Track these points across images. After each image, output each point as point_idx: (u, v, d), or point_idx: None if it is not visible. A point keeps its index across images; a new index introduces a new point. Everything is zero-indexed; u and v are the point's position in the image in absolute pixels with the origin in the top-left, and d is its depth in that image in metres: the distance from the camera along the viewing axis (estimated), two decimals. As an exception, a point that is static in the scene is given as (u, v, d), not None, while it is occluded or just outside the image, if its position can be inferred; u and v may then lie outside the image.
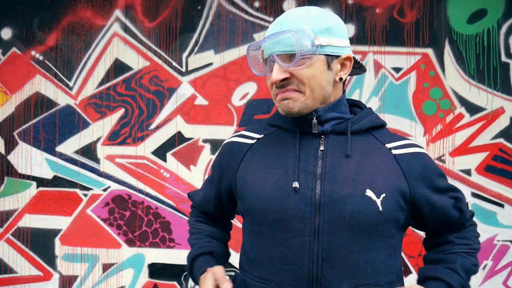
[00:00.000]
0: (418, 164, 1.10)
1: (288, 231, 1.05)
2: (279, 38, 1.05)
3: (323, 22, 1.07)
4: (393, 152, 1.11)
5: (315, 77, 1.07)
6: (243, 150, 1.19)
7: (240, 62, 2.52)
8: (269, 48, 1.07)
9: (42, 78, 2.63)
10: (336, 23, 1.10)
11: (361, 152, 1.10)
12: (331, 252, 1.03)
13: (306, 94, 1.08)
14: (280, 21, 1.08)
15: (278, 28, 1.08)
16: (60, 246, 2.64)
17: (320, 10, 1.10)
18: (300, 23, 1.06)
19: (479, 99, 2.42)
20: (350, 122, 1.13)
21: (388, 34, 2.45)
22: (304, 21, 1.06)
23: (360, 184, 1.05)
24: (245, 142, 1.21)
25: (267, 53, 1.08)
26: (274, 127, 1.21)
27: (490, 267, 2.45)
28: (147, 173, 2.58)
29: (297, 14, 1.07)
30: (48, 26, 2.62)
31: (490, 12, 2.40)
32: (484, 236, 2.44)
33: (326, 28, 1.07)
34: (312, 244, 1.04)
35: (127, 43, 2.58)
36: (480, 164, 2.43)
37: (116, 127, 2.59)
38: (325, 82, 1.09)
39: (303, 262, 1.04)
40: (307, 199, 1.05)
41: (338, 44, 1.08)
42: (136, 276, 2.60)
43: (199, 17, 2.53)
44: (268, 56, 1.08)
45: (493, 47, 2.40)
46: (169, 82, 2.56)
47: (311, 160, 1.09)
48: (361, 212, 1.03)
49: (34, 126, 2.64)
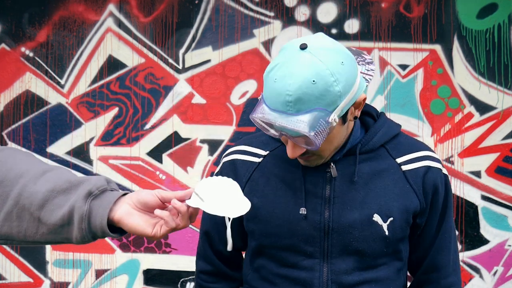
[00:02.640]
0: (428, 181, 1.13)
1: (299, 254, 1.12)
2: (290, 129, 0.98)
3: (334, 91, 0.97)
4: (403, 169, 1.13)
5: (332, 141, 1.06)
6: (249, 169, 1.19)
7: (239, 59, 2.51)
8: (281, 128, 1.00)
9: (32, 76, 2.61)
10: (347, 76, 0.99)
11: (369, 173, 1.12)
12: (340, 273, 1.10)
13: (326, 156, 1.10)
14: (285, 100, 0.96)
15: (284, 107, 0.97)
16: (51, 251, 2.62)
17: (328, 71, 0.96)
18: (309, 103, 0.96)
19: (489, 98, 2.40)
20: (359, 145, 1.13)
21: (394, 30, 2.43)
22: (314, 101, 0.96)
23: (368, 208, 1.10)
24: (251, 160, 1.20)
25: (279, 128, 1.01)
26: (278, 141, 1.19)
27: (501, 273, 2.42)
28: (142, 175, 2.57)
29: (304, 93, 0.95)
30: (39, 21, 2.59)
31: (501, 7, 2.37)
32: (494, 241, 2.41)
33: (339, 96, 0.98)
34: (322, 266, 1.11)
35: (121, 39, 2.56)
36: (490, 165, 2.41)
37: (109, 127, 2.58)
38: (341, 136, 1.09)
39: (313, 284, 1.11)
40: (316, 224, 1.10)
41: (352, 96, 1.01)
42: (131, 283, 2.59)
43: (197, 12, 2.51)
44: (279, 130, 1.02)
45: (504, 43, 2.37)
46: (165, 80, 2.55)
47: (319, 183, 1.12)
48: (367, 237, 1.10)
49: (24, 126, 2.62)
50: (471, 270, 2.41)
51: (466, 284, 2.42)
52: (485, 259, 2.40)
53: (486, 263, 2.41)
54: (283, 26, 2.46)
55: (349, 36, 2.43)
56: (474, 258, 2.41)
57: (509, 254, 2.40)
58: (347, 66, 0.99)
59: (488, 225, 2.40)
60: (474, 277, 2.41)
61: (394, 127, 1.19)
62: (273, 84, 0.98)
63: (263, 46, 2.48)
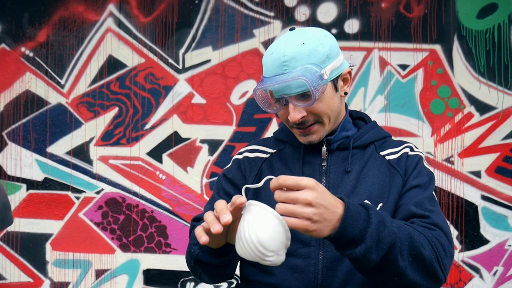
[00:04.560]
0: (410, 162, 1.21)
1: (296, 242, 1.15)
2: (289, 83, 1.11)
3: (322, 51, 1.13)
4: (387, 158, 1.22)
5: (329, 105, 1.17)
6: (257, 163, 1.28)
7: (239, 59, 2.50)
8: (279, 91, 1.13)
9: (32, 76, 2.61)
10: (330, 44, 1.16)
11: (360, 165, 1.21)
12: (334, 261, 1.14)
13: (325, 123, 1.19)
14: (281, 62, 1.12)
15: (281, 69, 1.13)
16: (51, 251, 2.62)
17: (314, 37, 1.14)
18: (302, 61, 1.12)
19: (489, 98, 2.39)
20: (352, 139, 1.24)
21: (394, 30, 2.42)
22: (306, 58, 1.12)
23: (359, 196, 1.16)
24: (260, 156, 1.30)
25: (278, 94, 1.14)
26: (282, 143, 1.31)
27: (501, 273, 2.41)
28: (142, 175, 2.57)
29: (296, 51, 1.12)
30: (39, 21, 2.59)
31: (501, 7, 2.36)
32: (494, 241, 2.40)
33: (326, 56, 1.14)
34: (318, 253, 1.15)
35: (121, 39, 2.56)
36: (490, 165, 2.40)
37: (109, 127, 2.58)
38: (336, 104, 1.20)
39: (309, 270, 1.14)
40: None
41: (338, 64, 1.17)
42: (131, 283, 2.58)
43: (197, 12, 2.51)
44: (280, 97, 1.14)
45: (504, 43, 2.37)
46: (165, 80, 2.54)
47: (316, 175, 1.20)
48: None
49: (24, 126, 2.62)
50: (471, 270, 2.41)
51: (466, 284, 2.42)
52: (485, 259, 2.40)
53: (486, 263, 2.40)
54: (283, 26, 2.46)
55: (349, 36, 2.43)
56: (474, 258, 2.41)
57: (509, 254, 2.40)
58: (330, 38, 1.17)
59: (488, 225, 2.39)
60: (474, 277, 2.41)
61: (384, 132, 1.29)
62: (269, 56, 1.15)
63: (263, 46, 2.48)
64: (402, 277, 0.99)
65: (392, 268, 0.97)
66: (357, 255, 0.93)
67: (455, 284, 2.42)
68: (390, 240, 0.95)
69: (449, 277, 2.41)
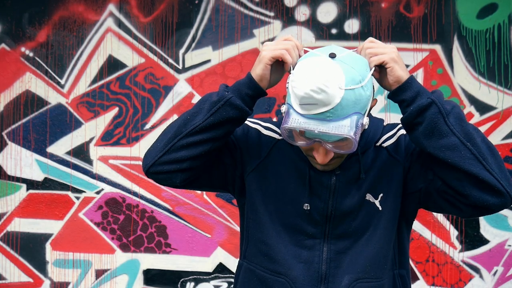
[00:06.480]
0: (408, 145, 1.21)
1: (302, 234, 1.19)
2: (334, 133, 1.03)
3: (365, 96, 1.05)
4: (385, 146, 1.22)
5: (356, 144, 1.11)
6: (268, 144, 1.26)
7: (239, 59, 2.51)
8: (316, 135, 1.05)
9: (32, 76, 2.62)
10: (370, 82, 1.08)
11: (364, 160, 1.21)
12: (338, 252, 1.18)
13: (345, 156, 1.16)
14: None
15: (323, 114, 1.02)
16: (51, 251, 2.63)
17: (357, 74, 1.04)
18: (348, 108, 1.02)
19: (489, 98, 2.40)
20: (359, 147, 1.20)
21: (394, 30, 2.43)
22: (351, 106, 1.02)
23: (364, 190, 1.19)
24: (272, 135, 1.27)
25: (312, 135, 1.06)
26: None
27: (501, 273, 2.42)
28: (142, 175, 2.52)
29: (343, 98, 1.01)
30: (39, 21, 2.60)
31: (501, 7, 2.37)
32: (494, 241, 2.41)
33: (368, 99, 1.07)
34: (322, 245, 1.19)
35: (121, 39, 2.56)
36: None
37: (109, 127, 2.58)
38: None
39: (314, 261, 1.18)
40: (320, 210, 1.19)
41: (371, 99, 1.10)
42: (131, 283, 2.59)
43: (197, 12, 2.51)
44: (313, 138, 1.07)
45: (504, 43, 2.37)
46: (165, 80, 2.55)
47: (326, 173, 1.18)
48: (363, 216, 1.19)
49: (24, 126, 2.62)
50: (471, 270, 2.41)
51: (466, 284, 2.42)
52: (485, 259, 2.40)
53: (486, 263, 2.40)
54: (283, 26, 2.46)
55: (349, 36, 2.43)
56: (474, 258, 2.41)
57: (509, 254, 2.40)
58: (369, 72, 1.08)
59: (488, 225, 2.40)
60: (474, 277, 2.41)
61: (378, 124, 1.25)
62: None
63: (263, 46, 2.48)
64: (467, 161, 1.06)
65: (458, 137, 1.04)
66: (432, 99, 1.04)
67: (455, 284, 2.42)
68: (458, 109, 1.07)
69: (449, 277, 2.42)
